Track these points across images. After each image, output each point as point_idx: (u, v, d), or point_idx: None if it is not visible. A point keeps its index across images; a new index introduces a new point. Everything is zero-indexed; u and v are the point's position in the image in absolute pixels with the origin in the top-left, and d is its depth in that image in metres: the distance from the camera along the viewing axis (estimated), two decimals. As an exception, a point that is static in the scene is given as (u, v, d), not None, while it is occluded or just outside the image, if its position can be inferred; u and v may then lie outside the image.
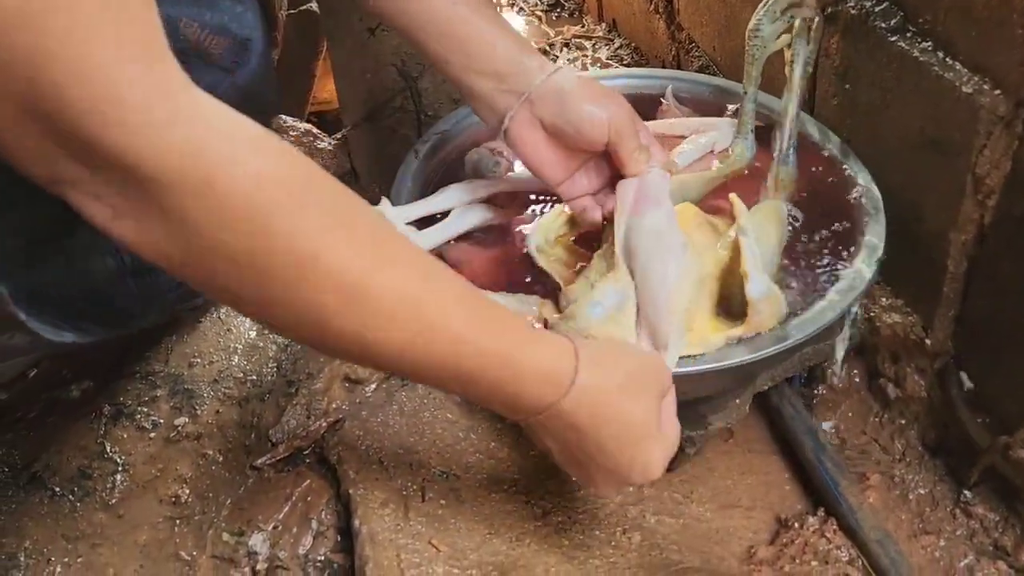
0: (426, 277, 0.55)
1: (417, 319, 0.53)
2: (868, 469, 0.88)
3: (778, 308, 0.74)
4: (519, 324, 0.63)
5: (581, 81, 0.78)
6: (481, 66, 0.77)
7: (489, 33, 0.77)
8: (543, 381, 0.59)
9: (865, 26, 0.84)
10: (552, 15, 1.98)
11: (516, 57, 0.77)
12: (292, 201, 0.48)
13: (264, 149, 0.48)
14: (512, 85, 0.77)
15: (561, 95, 0.76)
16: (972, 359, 0.82)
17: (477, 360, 0.56)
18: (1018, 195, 0.72)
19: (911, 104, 0.80)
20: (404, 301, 0.53)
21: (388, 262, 0.53)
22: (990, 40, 0.70)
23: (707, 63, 1.30)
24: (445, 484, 0.76)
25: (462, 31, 0.77)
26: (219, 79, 0.67)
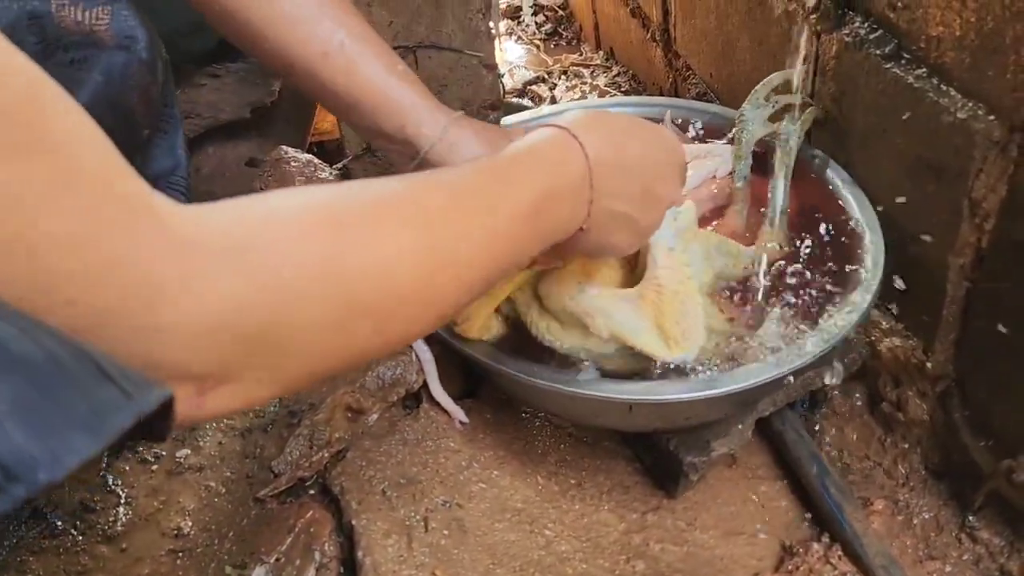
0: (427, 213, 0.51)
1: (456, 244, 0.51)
2: (872, 494, 0.88)
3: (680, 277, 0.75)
4: (511, 162, 0.59)
5: (469, 136, 0.75)
6: (367, 126, 0.75)
7: (370, 89, 0.72)
8: (564, 163, 0.59)
9: (860, 53, 0.85)
10: (550, 43, 2.00)
11: (399, 121, 0.73)
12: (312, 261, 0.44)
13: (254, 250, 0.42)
14: (401, 148, 0.75)
15: (451, 158, 0.74)
16: (973, 382, 0.82)
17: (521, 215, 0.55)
18: (1014, 218, 0.72)
19: (907, 130, 0.81)
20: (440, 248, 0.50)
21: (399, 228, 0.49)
22: (983, 67, 0.71)
23: (704, 90, 1.31)
24: (448, 514, 0.76)
25: (336, 86, 0.72)
26: (127, 60, 0.62)
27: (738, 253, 0.81)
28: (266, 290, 0.41)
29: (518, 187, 0.56)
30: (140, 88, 0.64)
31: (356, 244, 0.46)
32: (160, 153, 0.69)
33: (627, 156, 0.63)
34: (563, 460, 0.89)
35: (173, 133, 0.70)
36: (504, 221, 0.54)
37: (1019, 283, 0.73)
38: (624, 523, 0.83)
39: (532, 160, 0.59)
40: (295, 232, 0.44)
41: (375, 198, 0.49)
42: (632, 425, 0.83)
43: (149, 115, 0.66)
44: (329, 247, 0.45)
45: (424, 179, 0.53)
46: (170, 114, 0.70)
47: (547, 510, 0.80)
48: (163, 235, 0.37)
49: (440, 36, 1.01)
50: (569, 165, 0.59)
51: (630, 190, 0.63)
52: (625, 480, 0.89)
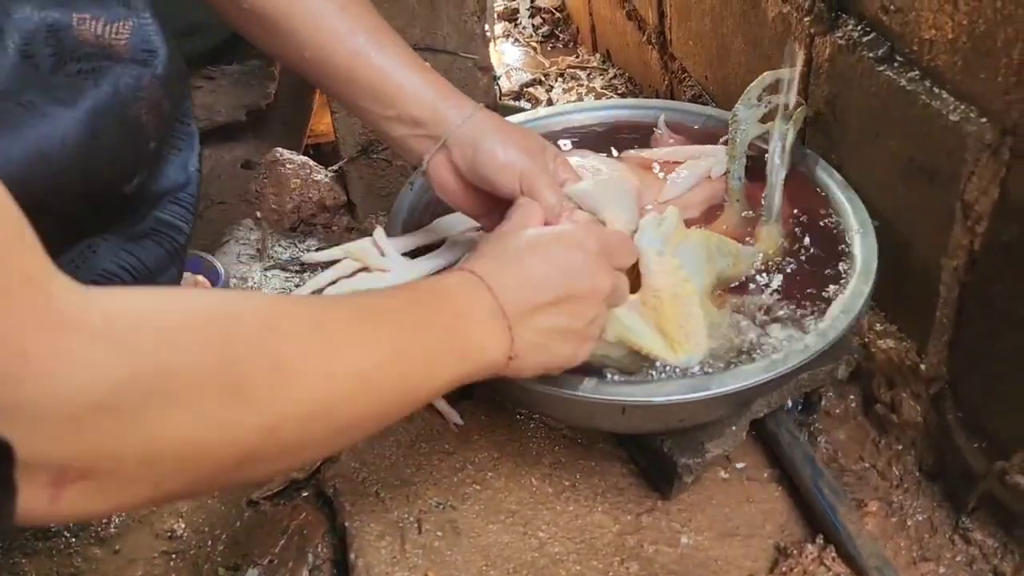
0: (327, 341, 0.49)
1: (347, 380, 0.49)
2: (866, 495, 0.88)
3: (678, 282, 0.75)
4: (412, 306, 0.58)
5: (494, 128, 0.76)
6: (393, 112, 0.76)
7: (397, 76, 0.75)
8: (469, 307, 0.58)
9: (853, 55, 0.85)
10: (547, 46, 2.00)
11: (430, 103, 0.75)
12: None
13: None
14: (428, 131, 0.77)
15: (474, 145, 0.75)
16: (967, 384, 0.82)
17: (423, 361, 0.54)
18: (1006, 221, 0.72)
19: (900, 132, 0.81)
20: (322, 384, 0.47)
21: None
22: (975, 70, 0.71)
23: (699, 92, 1.31)
24: (442, 516, 0.76)
25: (368, 76, 0.74)
26: (140, 74, 0.63)
27: (738, 253, 0.81)
28: (144, 378, 0.38)
29: (425, 325, 0.55)
30: (151, 102, 0.64)
31: (250, 344, 0.44)
32: (171, 169, 0.69)
33: (531, 272, 0.62)
34: (557, 462, 0.89)
35: (187, 150, 0.70)
36: (410, 341, 0.53)
37: (1011, 285, 0.73)
38: (618, 524, 0.83)
39: (435, 299, 0.58)
40: (186, 324, 0.42)
41: (273, 304, 0.48)
42: (626, 427, 0.83)
43: (159, 129, 0.66)
44: (219, 342, 0.43)
45: (328, 298, 0.54)
46: (186, 131, 0.70)
47: (541, 512, 0.80)
48: (41, 308, 0.35)
49: (435, 39, 1.01)
50: (473, 302, 0.59)
51: (546, 303, 0.61)
52: (619, 482, 0.89)
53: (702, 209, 0.93)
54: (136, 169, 0.64)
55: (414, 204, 0.94)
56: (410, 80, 0.75)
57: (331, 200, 1.09)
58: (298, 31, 0.73)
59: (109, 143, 0.59)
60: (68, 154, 0.56)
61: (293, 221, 1.09)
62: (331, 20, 0.72)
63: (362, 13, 0.74)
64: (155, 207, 0.68)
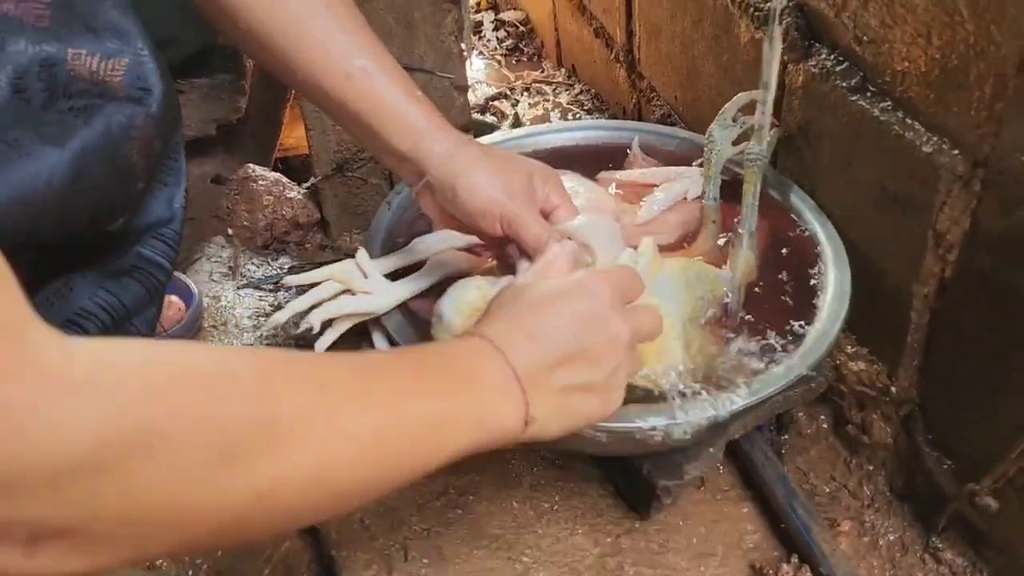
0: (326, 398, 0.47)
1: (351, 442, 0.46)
2: (838, 515, 0.89)
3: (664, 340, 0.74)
4: (420, 369, 0.56)
5: (474, 168, 0.75)
6: (380, 144, 0.75)
7: (382, 108, 0.74)
8: (482, 373, 0.56)
9: (826, 84, 0.87)
10: (511, 59, 2.00)
11: (412, 138, 0.74)
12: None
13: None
14: (412, 167, 0.76)
15: (453, 187, 0.74)
16: (936, 407, 0.84)
17: (435, 426, 0.52)
18: (977, 250, 0.75)
19: (873, 161, 0.83)
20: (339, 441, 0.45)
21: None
22: (948, 103, 0.73)
23: (668, 112, 1.33)
24: (427, 542, 0.76)
25: (357, 106, 0.74)
26: (134, 113, 0.61)
27: (716, 278, 0.82)
28: (128, 435, 0.36)
29: (433, 390, 0.53)
30: (142, 141, 0.62)
31: (243, 405, 0.42)
32: (156, 205, 0.67)
33: (544, 331, 0.59)
34: (536, 484, 0.89)
35: (174, 186, 0.68)
36: (417, 405, 0.51)
37: (981, 312, 0.76)
38: (599, 547, 0.84)
39: (443, 363, 0.56)
40: (176, 382, 0.40)
41: (270, 362, 0.46)
42: (606, 450, 0.84)
43: (149, 169, 0.65)
44: (210, 402, 0.41)
45: (330, 356, 0.52)
46: (173, 167, 0.68)
47: (523, 535, 0.80)
48: (18, 359, 0.34)
49: (412, 57, 1.01)
50: (484, 367, 0.56)
51: (562, 360, 0.59)
52: (598, 503, 0.89)
53: (678, 231, 0.94)
54: (122, 210, 0.63)
55: (392, 224, 0.94)
56: (396, 112, 0.74)
57: (304, 218, 1.08)
58: (291, 56, 0.72)
59: (96, 184, 0.58)
60: (52, 195, 0.54)
61: (266, 239, 1.07)
62: (326, 42, 0.72)
63: (357, 32, 0.73)
64: (137, 242, 0.66)
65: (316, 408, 0.45)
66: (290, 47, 0.71)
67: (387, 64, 0.75)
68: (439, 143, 0.75)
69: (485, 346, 0.57)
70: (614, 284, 0.64)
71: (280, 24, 0.71)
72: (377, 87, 0.73)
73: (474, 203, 0.74)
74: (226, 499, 0.41)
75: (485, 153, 0.77)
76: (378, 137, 0.75)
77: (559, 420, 0.59)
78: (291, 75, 0.74)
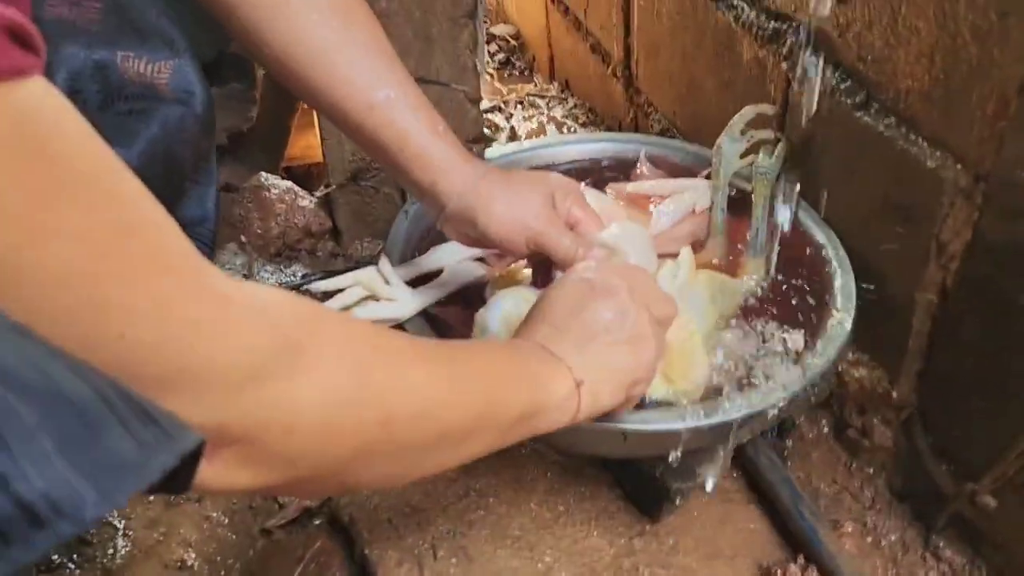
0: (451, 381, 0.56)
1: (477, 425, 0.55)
2: (841, 516, 0.92)
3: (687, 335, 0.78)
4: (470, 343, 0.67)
5: (491, 197, 0.76)
6: (402, 177, 0.78)
7: (410, 144, 0.75)
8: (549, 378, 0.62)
9: (831, 100, 0.91)
10: (504, 72, 2.03)
11: (431, 177, 0.76)
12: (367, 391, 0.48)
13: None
14: (432, 200, 0.78)
15: (472, 221, 0.77)
16: (936, 411, 0.88)
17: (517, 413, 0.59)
18: (978, 260, 0.78)
19: (877, 174, 0.87)
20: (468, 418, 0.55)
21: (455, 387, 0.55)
22: (951, 120, 0.77)
23: (667, 127, 1.36)
24: (453, 542, 0.77)
25: (380, 136, 0.75)
26: (183, 114, 0.65)
27: (735, 291, 0.85)
28: (291, 351, 0.42)
29: (491, 354, 0.63)
30: (192, 142, 0.65)
31: (365, 340, 0.49)
32: (190, 204, 0.70)
33: (556, 312, 0.66)
34: (551, 488, 0.91)
35: (207, 185, 0.71)
36: (483, 361, 0.59)
37: (980, 320, 0.79)
38: (614, 548, 0.86)
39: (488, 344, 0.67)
40: (315, 309, 0.47)
41: (408, 339, 0.56)
42: (624, 453, 0.86)
43: (196, 168, 0.67)
44: (341, 331, 0.48)
45: (457, 343, 0.62)
46: (207, 168, 0.71)
47: (544, 536, 0.82)
48: (203, 281, 0.39)
49: (428, 70, 1.03)
50: (522, 346, 0.64)
51: (581, 324, 0.66)
52: (609, 506, 0.92)
53: (687, 242, 0.97)
54: (169, 206, 0.65)
55: (410, 232, 0.96)
56: (417, 147, 0.75)
57: (316, 226, 1.10)
58: (317, 86, 0.73)
59: (154, 182, 0.60)
60: None
61: (278, 246, 1.09)
62: (349, 73, 0.73)
63: (380, 59, 0.74)
64: None
65: (410, 351, 0.53)
66: (315, 78, 0.72)
67: (410, 94, 0.76)
68: (458, 177, 0.76)
69: (518, 341, 0.65)
70: (629, 279, 0.70)
71: (304, 55, 0.72)
72: (399, 121, 0.74)
73: (497, 232, 0.76)
74: (358, 421, 0.46)
75: (503, 180, 0.78)
76: (399, 169, 0.77)
77: (608, 378, 0.65)
78: (316, 103, 0.76)
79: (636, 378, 0.68)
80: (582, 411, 0.64)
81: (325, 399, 0.44)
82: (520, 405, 0.58)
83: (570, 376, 0.62)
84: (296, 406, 0.43)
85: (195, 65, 0.68)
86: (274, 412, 0.42)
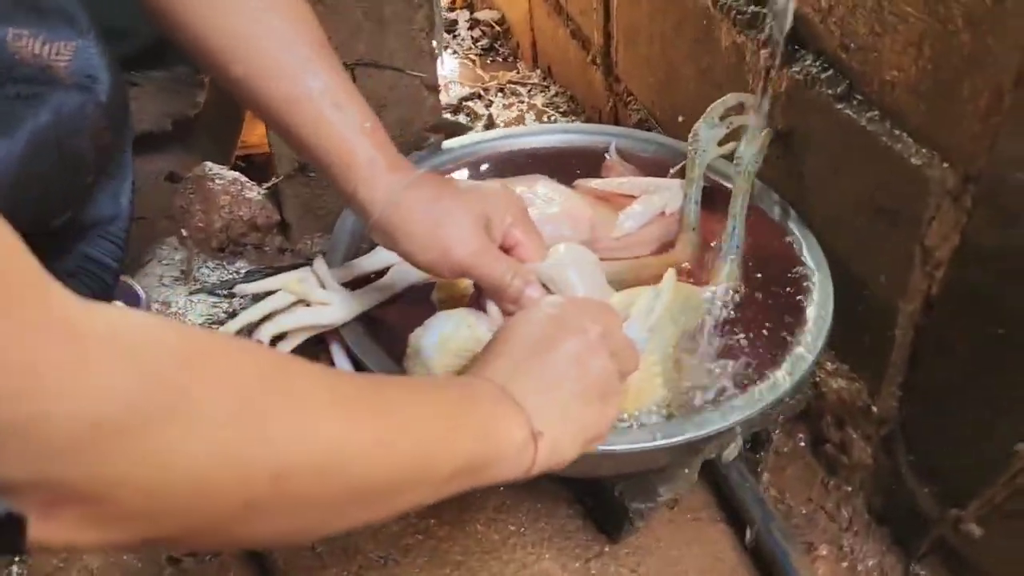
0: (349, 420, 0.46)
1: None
2: (815, 538, 0.86)
3: (647, 376, 0.71)
4: (417, 383, 0.57)
5: (416, 220, 0.67)
6: (327, 179, 0.70)
7: (327, 145, 0.67)
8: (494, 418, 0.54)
9: (811, 91, 0.84)
10: (486, 59, 1.96)
11: (353, 184, 0.68)
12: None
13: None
14: (356, 209, 0.70)
15: (394, 238, 0.68)
16: (919, 427, 0.81)
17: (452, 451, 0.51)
18: (966, 267, 0.72)
19: (859, 172, 0.80)
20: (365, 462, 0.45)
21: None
22: (939, 115, 0.70)
23: (645, 116, 1.30)
24: (384, 570, 0.71)
25: (301, 134, 0.67)
26: (83, 102, 0.58)
27: (699, 305, 0.79)
28: (157, 396, 0.35)
29: (435, 400, 0.52)
30: (92, 132, 0.58)
31: (265, 382, 0.41)
32: (102, 199, 0.63)
33: (516, 352, 0.58)
34: (502, 505, 0.85)
35: (121, 180, 0.64)
36: (422, 408, 0.50)
37: (968, 330, 0.73)
38: (567, 573, 0.80)
39: (436, 384, 0.57)
40: (197, 349, 0.39)
41: (280, 353, 0.47)
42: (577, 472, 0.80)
43: (99, 162, 0.60)
44: (233, 372, 0.40)
45: (326, 367, 0.50)
46: (121, 160, 0.64)
47: (487, 562, 0.76)
48: (45, 315, 0.32)
49: (381, 54, 0.96)
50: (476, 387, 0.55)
51: (555, 384, 0.57)
52: (566, 525, 0.86)
53: (655, 247, 0.91)
54: (69, 204, 0.59)
55: (356, 228, 0.89)
56: (336, 147, 0.67)
57: (263, 219, 1.03)
58: (236, 74, 0.66)
59: (44, 176, 0.55)
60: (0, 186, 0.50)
61: (221, 241, 1.02)
62: (283, 72, 0.66)
63: (305, 49, 0.67)
64: (81, 241, 0.62)
65: (328, 398, 0.44)
66: (232, 66, 0.65)
67: (336, 87, 0.67)
68: (381, 186, 0.68)
69: (470, 378, 0.57)
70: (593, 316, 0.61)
71: (218, 42, 0.65)
72: (319, 117, 0.66)
73: (418, 259, 0.68)
74: (246, 475, 0.39)
75: (430, 197, 0.69)
76: (323, 172, 0.69)
77: (567, 429, 0.57)
78: (238, 94, 0.67)
79: (597, 435, 0.60)
80: (537, 464, 0.55)
81: (202, 454, 0.37)
82: (461, 457, 0.50)
83: (527, 425, 0.54)
84: (163, 461, 0.36)
85: (102, 47, 0.61)
86: (133, 468, 0.35)
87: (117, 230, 0.67)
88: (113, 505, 0.35)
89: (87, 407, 0.33)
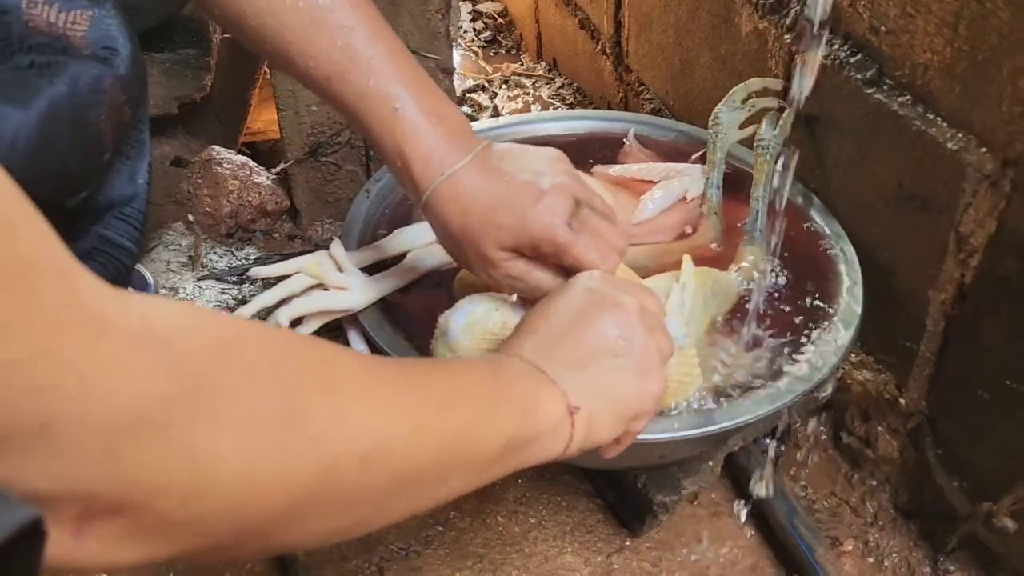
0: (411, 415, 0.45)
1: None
2: (840, 533, 0.85)
3: (687, 369, 0.68)
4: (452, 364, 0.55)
5: (480, 186, 0.62)
6: (382, 150, 0.65)
7: (391, 127, 0.62)
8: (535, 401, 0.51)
9: (839, 76, 0.82)
10: (489, 51, 1.94)
11: (412, 167, 0.62)
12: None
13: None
14: (407, 178, 0.64)
15: (462, 206, 0.62)
16: (948, 420, 0.80)
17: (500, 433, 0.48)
18: (1002, 255, 0.70)
19: (889, 158, 0.78)
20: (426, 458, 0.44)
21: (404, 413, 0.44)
22: (976, 98, 0.69)
23: (659, 106, 1.28)
24: (405, 563, 0.69)
25: (368, 123, 0.63)
26: (101, 74, 0.55)
27: (729, 289, 0.77)
28: (192, 392, 0.33)
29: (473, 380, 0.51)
30: (111, 107, 0.55)
31: (304, 372, 0.40)
32: (119, 180, 0.61)
33: (551, 327, 0.56)
34: (521, 497, 0.82)
35: (137, 159, 0.62)
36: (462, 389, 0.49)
37: (1003, 321, 0.71)
38: (589, 567, 0.78)
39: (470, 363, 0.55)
40: (234, 340, 0.37)
41: (318, 341, 0.44)
42: (603, 463, 0.78)
43: (115, 138, 0.58)
44: (271, 364, 0.38)
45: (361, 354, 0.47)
46: (138, 138, 0.62)
47: (509, 554, 0.74)
48: (74, 305, 0.29)
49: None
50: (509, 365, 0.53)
51: (575, 342, 0.55)
52: (587, 518, 0.84)
53: (675, 233, 0.89)
54: (86, 182, 0.57)
55: (371, 213, 0.86)
56: (403, 134, 0.62)
57: (272, 205, 1.00)
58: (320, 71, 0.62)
59: (61, 151, 0.52)
60: (15, 161, 0.47)
61: (230, 227, 0.99)
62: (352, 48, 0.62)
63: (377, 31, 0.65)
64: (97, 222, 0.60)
65: (371, 385, 0.43)
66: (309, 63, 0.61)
67: (419, 85, 0.63)
68: (436, 165, 0.62)
69: (500, 356, 0.54)
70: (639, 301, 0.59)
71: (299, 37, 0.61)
72: (410, 129, 0.62)
73: (490, 236, 0.62)
74: (292, 472, 0.37)
75: (480, 180, 0.62)
76: (384, 156, 0.64)
77: (605, 406, 0.54)
78: (303, 78, 0.64)
79: (640, 411, 0.57)
80: (574, 442, 0.52)
81: (245, 452, 0.35)
82: (503, 434, 0.48)
83: (563, 399, 0.52)
84: (203, 462, 0.33)
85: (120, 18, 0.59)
86: (172, 472, 0.32)
87: (134, 211, 0.65)
88: (152, 514, 0.32)
89: (122, 406, 0.30)
